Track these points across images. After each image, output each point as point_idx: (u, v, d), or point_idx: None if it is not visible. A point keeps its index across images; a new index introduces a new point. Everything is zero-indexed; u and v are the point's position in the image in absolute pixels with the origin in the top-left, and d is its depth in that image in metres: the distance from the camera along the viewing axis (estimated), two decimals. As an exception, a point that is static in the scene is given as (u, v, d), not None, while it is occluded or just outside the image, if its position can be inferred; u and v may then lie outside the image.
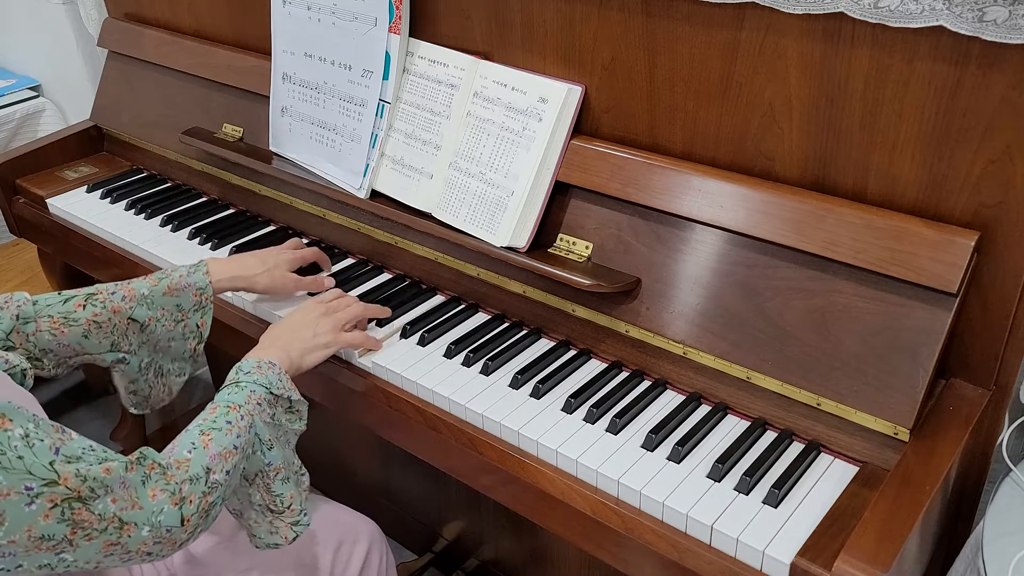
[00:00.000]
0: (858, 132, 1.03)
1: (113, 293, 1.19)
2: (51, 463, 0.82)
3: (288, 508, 1.07)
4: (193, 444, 0.96)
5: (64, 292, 1.17)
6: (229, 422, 1.00)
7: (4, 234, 2.19)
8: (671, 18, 1.11)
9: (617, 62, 1.19)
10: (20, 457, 0.80)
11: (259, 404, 1.05)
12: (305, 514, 1.09)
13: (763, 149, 1.11)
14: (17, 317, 1.12)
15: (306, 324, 1.20)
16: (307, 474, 1.13)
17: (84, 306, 1.16)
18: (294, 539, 1.08)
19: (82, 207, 1.72)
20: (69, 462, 0.83)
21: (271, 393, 1.07)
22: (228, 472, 0.97)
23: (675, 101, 1.16)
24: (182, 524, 0.91)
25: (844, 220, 1.03)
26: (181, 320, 1.25)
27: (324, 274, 1.44)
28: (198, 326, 1.27)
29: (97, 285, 1.20)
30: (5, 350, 1.10)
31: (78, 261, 1.76)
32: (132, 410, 1.31)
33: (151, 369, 1.28)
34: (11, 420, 0.81)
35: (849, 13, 0.96)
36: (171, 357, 1.29)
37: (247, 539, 1.23)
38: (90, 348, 1.18)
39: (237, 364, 1.10)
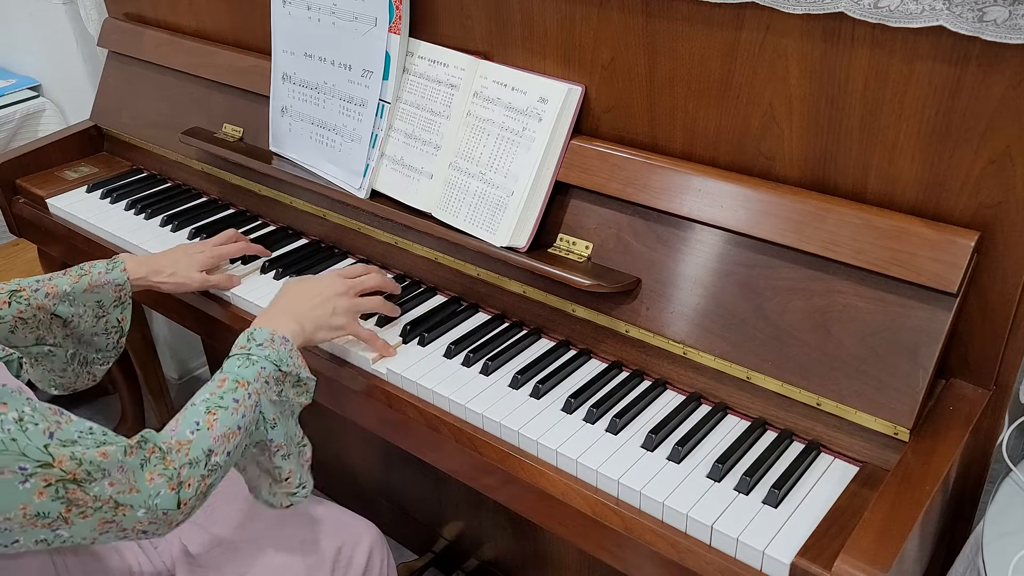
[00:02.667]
0: (858, 132, 1.03)
1: (36, 290, 1.23)
2: (45, 446, 0.82)
3: (286, 480, 1.09)
4: (197, 424, 0.97)
5: None
6: (236, 400, 1.01)
7: (4, 234, 2.19)
8: (671, 18, 1.11)
9: (617, 62, 1.18)
10: (14, 439, 0.81)
11: (267, 383, 1.05)
12: (303, 487, 1.11)
13: (763, 149, 1.11)
14: None
15: (325, 299, 1.20)
16: (309, 445, 1.14)
17: (9, 303, 1.20)
18: (288, 506, 1.11)
19: (82, 207, 1.72)
20: (64, 445, 0.84)
21: (280, 370, 1.07)
22: (230, 453, 0.98)
23: (675, 101, 1.16)
24: (179, 507, 0.92)
25: (844, 220, 1.03)
26: (102, 316, 1.30)
27: (233, 273, 1.45)
28: (119, 320, 1.33)
29: (19, 281, 1.23)
30: None
31: (78, 261, 1.74)
32: (52, 391, 1.36)
33: (76, 359, 1.33)
34: (5, 403, 0.82)
35: (849, 13, 0.96)
36: (95, 348, 1.34)
37: (247, 539, 1.24)
38: (16, 342, 1.22)
39: (250, 330, 1.10)
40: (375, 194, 1.43)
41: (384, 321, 1.32)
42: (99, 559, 1.11)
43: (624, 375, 1.20)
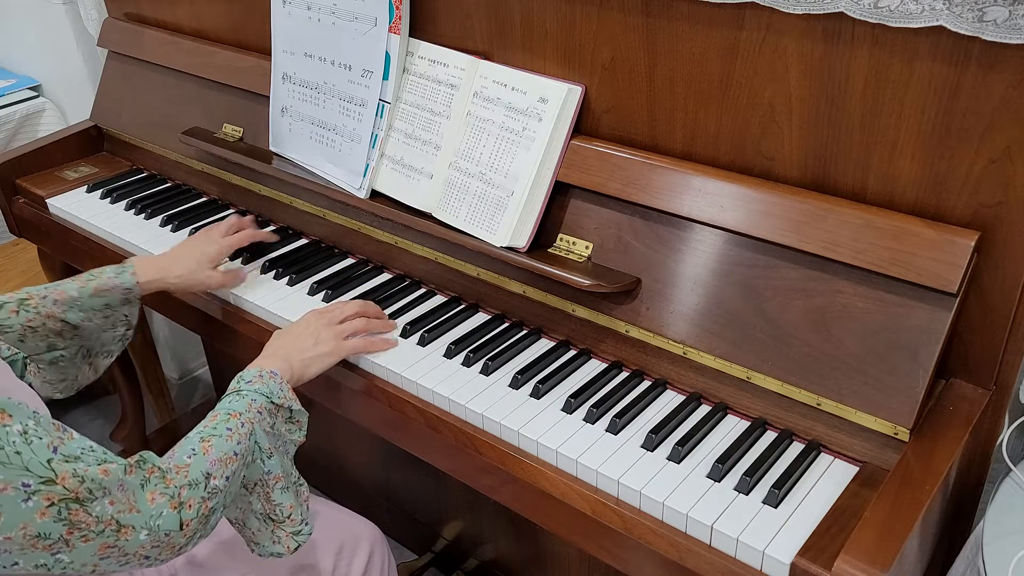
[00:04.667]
0: (858, 132, 1.03)
1: (44, 297, 1.22)
2: (48, 461, 0.82)
3: (288, 518, 1.08)
4: (193, 450, 0.97)
5: None
6: (229, 429, 1.01)
7: (4, 234, 2.19)
8: (671, 18, 1.11)
9: (617, 62, 1.19)
10: (18, 453, 0.80)
11: (260, 413, 1.05)
12: (306, 523, 1.10)
13: (763, 149, 1.11)
14: None
15: (308, 333, 1.21)
16: (305, 484, 1.13)
17: (17, 312, 1.20)
18: (296, 548, 1.09)
19: (82, 207, 1.72)
20: (67, 461, 0.83)
21: (272, 402, 1.07)
22: (227, 478, 0.97)
23: (675, 101, 1.16)
24: (181, 528, 0.91)
25: (844, 220, 1.03)
26: (110, 316, 1.30)
27: (240, 269, 1.46)
28: (126, 316, 1.33)
29: (27, 289, 1.23)
30: None
31: (78, 261, 1.76)
32: (56, 396, 1.34)
33: (79, 353, 1.32)
34: (10, 415, 0.81)
35: (849, 13, 0.96)
36: (101, 343, 1.34)
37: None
38: (27, 350, 1.21)
39: (239, 373, 1.11)
40: (375, 194, 1.43)
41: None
42: None
43: (624, 375, 1.20)
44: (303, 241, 1.58)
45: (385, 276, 1.46)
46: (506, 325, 1.31)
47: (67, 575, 0.86)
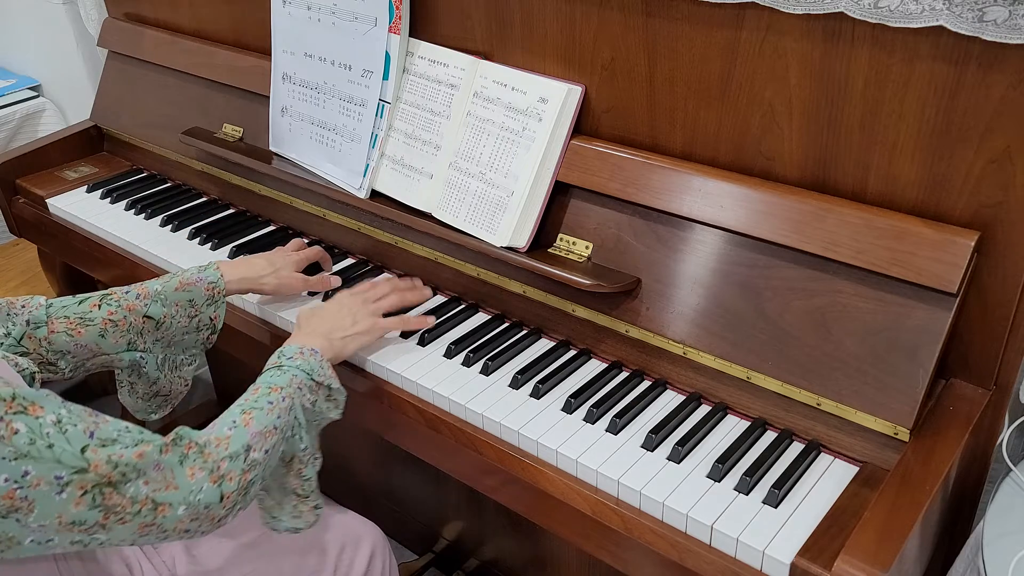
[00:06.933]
0: (858, 132, 1.03)
1: (127, 292, 1.21)
2: (83, 449, 0.82)
3: (312, 492, 1.10)
4: (234, 422, 0.97)
5: (79, 295, 1.19)
6: (270, 402, 1.02)
7: (4, 234, 2.19)
8: (671, 18, 1.11)
9: (617, 62, 1.19)
10: (50, 446, 0.80)
11: (300, 389, 1.07)
12: (320, 496, 1.12)
13: (763, 149, 1.11)
14: (28, 322, 1.13)
15: (345, 313, 1.21)
16: (320, 458, 1.14)
17: (99, 306, 1.18)
18: (314, 522, 1.11)
19: (82, 207, 1.72)
20: (104, 446, 0.83)
21: (312, 380, 1.08)
22: (267, 451, 0.98)
23: (675, 101, 1.16)
24: (221, 501, 0.92)
25: (844, 220, 1.03)
26: (195, 316, 1.26)
27: (327, 273, 1.45)
28: (211, 319, 1.28)
29: (111, 288, 1.22)
30: (19, 355, 1.11)
31: (78, 261, 1.76)
32: (151, 417, 1.33)
33: (167, 365, 1.30)
34: (42, 407, 0.81)
35: (849, 13, 0.96)
36: (183, 348, 1.31)
37: (249, 541, 1.24)
38: (107, 348, 1.19)
39: (279, 348, 1.12)
40: (375, 194, 1.43)
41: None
42: (102, 565, 1.11)
43: (624, 375, 1.20)
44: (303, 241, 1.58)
45: (385, 276, 1.46)
46: (506, 325, 1.31)
47: (72, 554, 0.87)
